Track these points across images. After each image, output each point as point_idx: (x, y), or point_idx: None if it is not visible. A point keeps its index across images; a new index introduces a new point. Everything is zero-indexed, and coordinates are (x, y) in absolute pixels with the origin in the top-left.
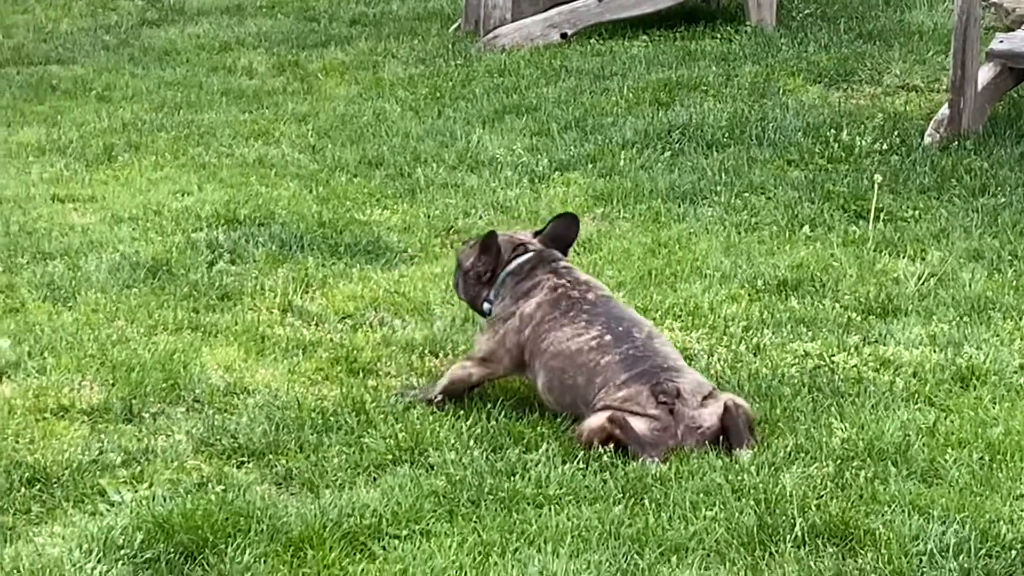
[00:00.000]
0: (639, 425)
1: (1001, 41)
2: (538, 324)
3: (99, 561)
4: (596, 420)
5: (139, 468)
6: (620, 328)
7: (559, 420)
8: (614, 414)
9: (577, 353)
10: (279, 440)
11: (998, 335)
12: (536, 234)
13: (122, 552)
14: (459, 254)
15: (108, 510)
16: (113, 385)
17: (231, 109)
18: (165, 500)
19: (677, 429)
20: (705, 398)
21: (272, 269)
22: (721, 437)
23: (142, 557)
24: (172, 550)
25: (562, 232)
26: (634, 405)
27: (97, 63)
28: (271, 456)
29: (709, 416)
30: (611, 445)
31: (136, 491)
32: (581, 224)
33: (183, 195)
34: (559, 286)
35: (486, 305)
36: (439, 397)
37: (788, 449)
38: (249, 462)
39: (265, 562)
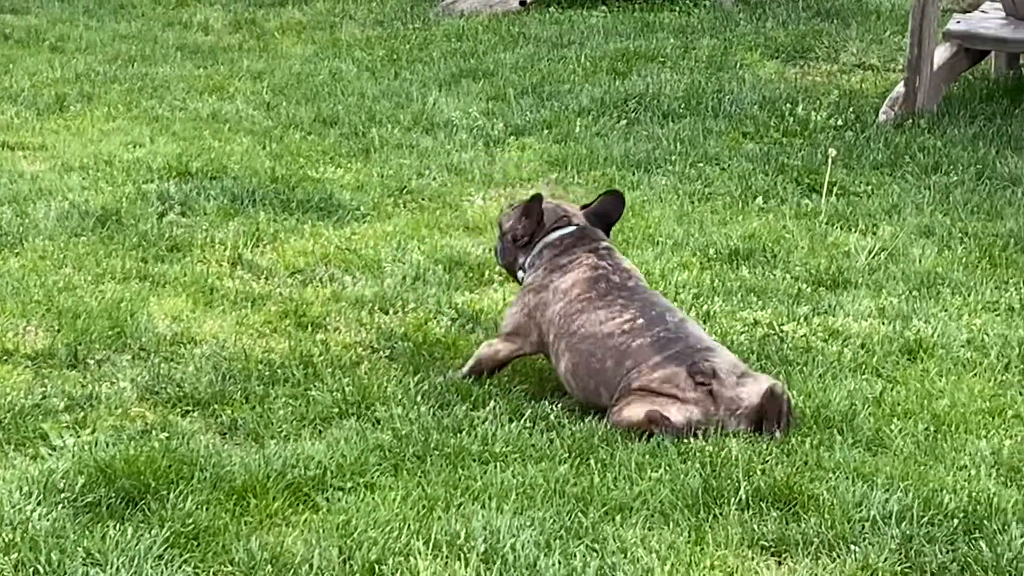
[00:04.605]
0: (677, 416)
1: (958, 22)
2: (571, 302)
3: (39, 503)
4: (636, 413)
5: (82, 414)
6: (653, 312)
7: (507, 378)
8: (652, 412)
9: (608, 336)
10: (225, 390)
11: (946, 310)
12: (584, 207)
13: (63, 495)
14: (500, 217)
15: (50, 454)
16: (58, 331)
17: (186, 64)
18: (108, 446)
19: (717, 411)
20: (740, 377)
21: (223, 222)
22: (760, 416)
23: (83, 501)
24: (113, 495)
25: (608, 209)
26: (672, 388)
27: (51, 14)
28: (216, 406)
29: (748, 395)
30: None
31: (79, 436)
32: (536, 189)
33: (135, 147)
34: (600, 267)
35: (520, 273)
36: (469, 378)
37: None
38: (194, 411)
39: (207, 509)
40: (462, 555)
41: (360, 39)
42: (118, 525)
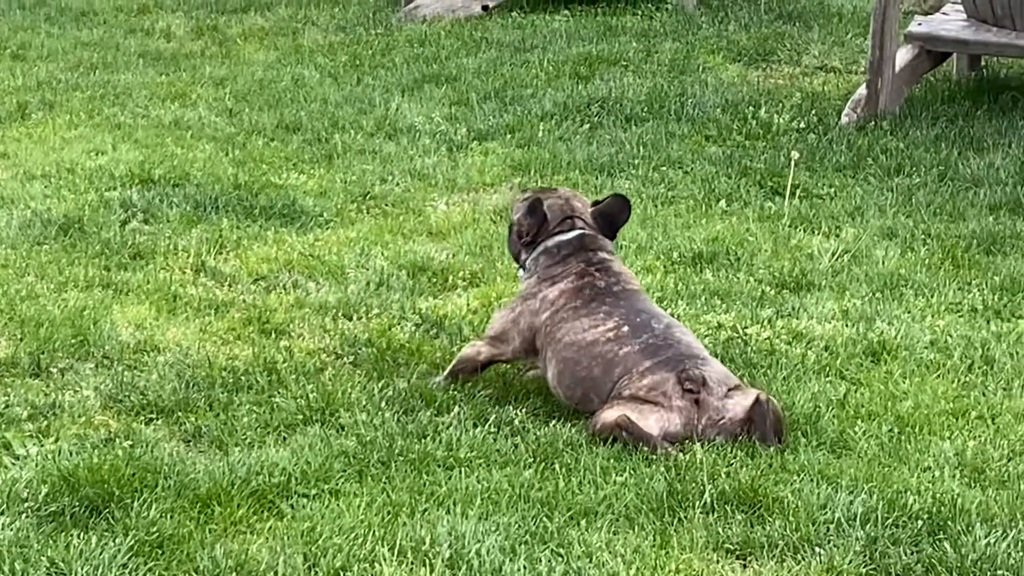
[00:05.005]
0: (652, 426)
1: (920, 24)
2: (557, 311)
3: (2, 513)
4: (610, 416)
5: (45, 422)
6: (638, 319)
7: (471, 384)
8: (622, 418)
9: (592, 344)
10: (189, 398)
11: (909, 311)
12: (595, 204)
13: (26, 505)
14: (512, 204)
15: (13, 463)
16: (21, 340)
17: (148, 71)
18: (71, 454)
19: (700, 420)
20: (731, 390)
21: (186, 229)
22: (746, 429)
23: (46, 510)
24: (77, 504)
25: (614, 212)
26: (659, 395)
27: (12, 21)
28: (180, 414)
29: (733, 407)
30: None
31: (42, 445)
32: (499, 195)
33: (97, 154)
34: (586, 274)
35: (520, 272)
36: (445, 380)
37: None
38: (158, 419)
39: (171, 517)
40: (427, 561)
41: (323, 45)
42: (82, 534)
